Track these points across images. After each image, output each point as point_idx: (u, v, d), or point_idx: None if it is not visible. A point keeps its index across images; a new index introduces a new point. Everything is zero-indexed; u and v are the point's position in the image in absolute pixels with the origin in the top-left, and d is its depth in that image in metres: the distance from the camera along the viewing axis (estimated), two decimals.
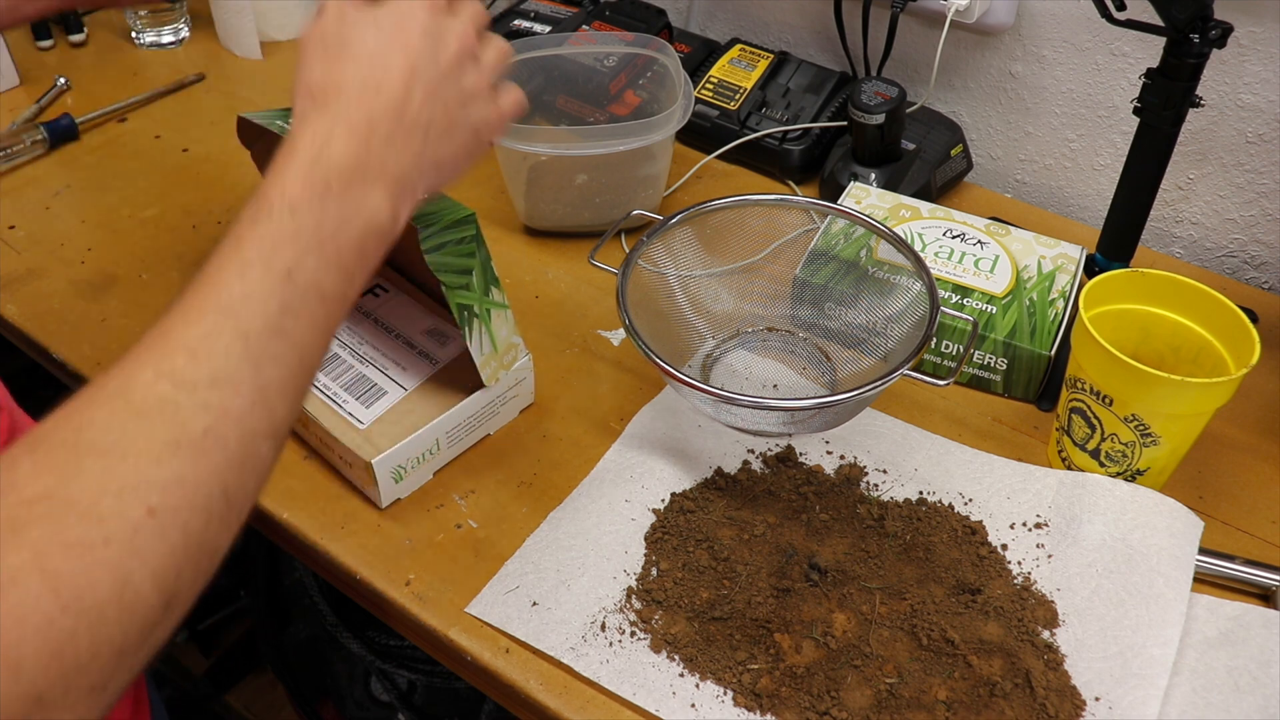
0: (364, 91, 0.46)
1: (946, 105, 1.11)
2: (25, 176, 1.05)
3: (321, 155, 0.45)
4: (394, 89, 0.47)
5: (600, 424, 0.79)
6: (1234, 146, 0.95)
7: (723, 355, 0.83)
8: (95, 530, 0.35)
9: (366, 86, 0.47)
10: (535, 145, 0.92)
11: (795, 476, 0.73)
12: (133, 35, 1.30)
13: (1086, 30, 0.98)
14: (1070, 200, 1.08)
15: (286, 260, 0.42)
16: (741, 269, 0.84)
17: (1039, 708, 0.59)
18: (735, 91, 1.09)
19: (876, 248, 0.83)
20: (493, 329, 0.67)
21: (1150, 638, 0.62)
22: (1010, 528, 0.70)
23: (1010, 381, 0.81)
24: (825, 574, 0.66)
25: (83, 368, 0.83)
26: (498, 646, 0.64)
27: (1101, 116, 1.01)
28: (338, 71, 0.47)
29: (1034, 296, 0.82)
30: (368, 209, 0.45)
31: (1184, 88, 0.77)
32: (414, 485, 0.73)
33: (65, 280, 0.91)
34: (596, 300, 0.91)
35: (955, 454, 0.76)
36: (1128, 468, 0.71)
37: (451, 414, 0.72)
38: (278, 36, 1.32)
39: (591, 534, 0.69)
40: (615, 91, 1.02)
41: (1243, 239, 0.99)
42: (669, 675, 0.61)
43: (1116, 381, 0.67)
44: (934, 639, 0.62)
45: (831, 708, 0.59)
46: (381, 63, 0.47)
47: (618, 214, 0.93)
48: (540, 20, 1.19)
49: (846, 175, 1.00)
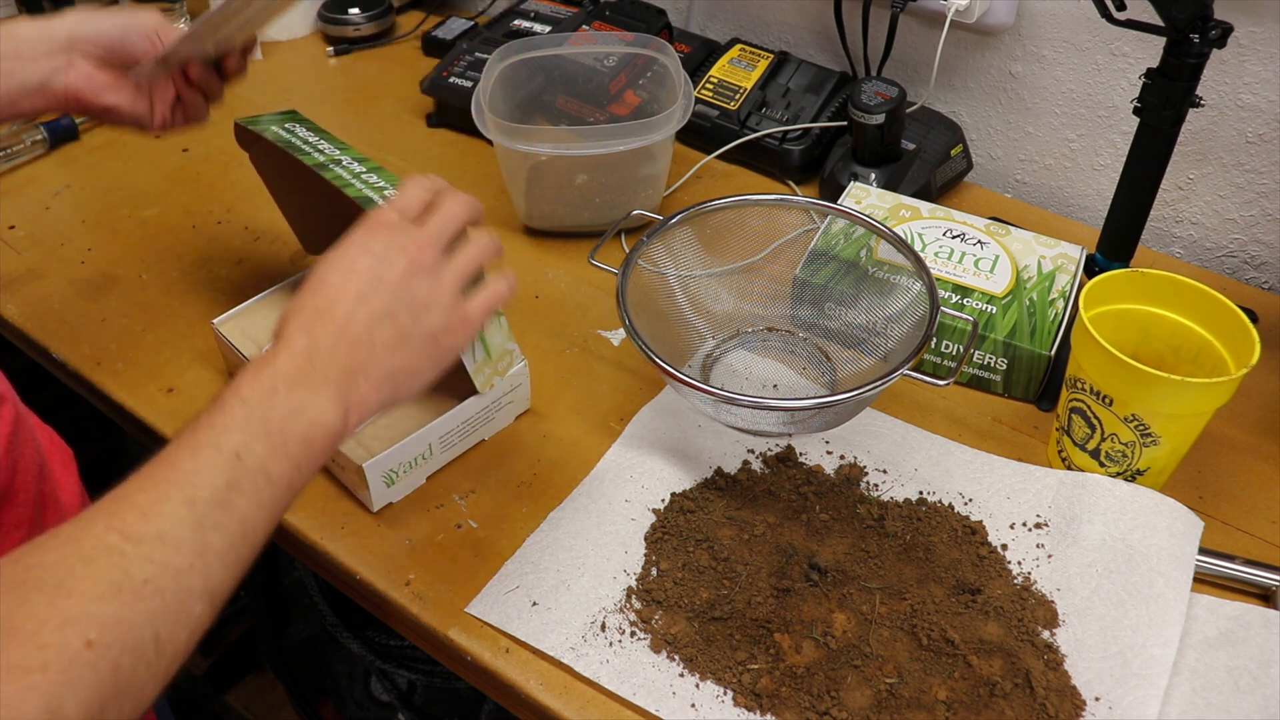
0: (313, 315, 0.52)
1: (946, 105, 1.11)
2: (25, 176, 1.05)
3: (268, 365, 0.50)
4: (336, 310, 0.52)
5: (600, 424, 0.79)
6: (1234, 146, 0.95)
7: (723, 355, 0.83)
8: (34, 656, 0.38)
9: (316, 310, 0.52)
10: (535, 145, 0.92)
11: (795, 476, 0.73)
12: None
13: (1086, 30, 0.98)
14: (1070, 200, 1.08)
15: (235, 443, 0.46)
16: (741, 269, 0.84)
17: (1039, 708, 0.59)
18: (735, 91, 1.09)
19: (876, 248, 0.83)
20: (486, 336, 0.67)
21: (1150, 638, 0.62)
22: (1010, 528, 0.70)
23: (1010, 381, 0.81)
24: (825, 574, 0.66)
25: (83, 368, 0.83)
26: (498, 646, 0.64)
27: (1101, 116, 1.01)
28: (299, 301, 0.53)
29: (1034, 296, 0.82)
30: (313, 409, 0.49)
31: (1184, 88, 0.77)
32: (406, 489, 0.72)
33: (65, 280, 0.91)
34: (596, 300, 0.91)
35: (955, 454, 0.76)
36: (1128, 468, 0.71)
37: (444, 419, 0.72)
38: (278, 36, 1.32)
39: (591, 534, 0.69)
40: (615, 91, 1.02)
41: (1243, 239, 0.99)
42: (669, 675, 0.61)
43: (1116, 381, 0.67)
44: (934, 639, 0.62)
45: (831, 708, 0.59)
46: (330, 287, 0.52)
47: (618, 214, 0.93)
48: (540, 20, 1.19)
49: (846, 175, 1.00)
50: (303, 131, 0.74)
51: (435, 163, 1.09)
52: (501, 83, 0.95)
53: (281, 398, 0.49)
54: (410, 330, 0.53)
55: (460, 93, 1.10)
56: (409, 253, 0.54)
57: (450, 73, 1.13)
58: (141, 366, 0.83)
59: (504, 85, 0.96)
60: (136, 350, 0.84)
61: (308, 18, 1.33)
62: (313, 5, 1.33)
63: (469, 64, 1.13)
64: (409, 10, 1.40)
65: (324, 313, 0.52)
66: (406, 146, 1.12)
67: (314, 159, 0.70)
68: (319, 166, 0.69)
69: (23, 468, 0.55)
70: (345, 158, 0.70)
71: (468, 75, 1.12)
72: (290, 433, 0.48)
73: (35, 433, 0.59)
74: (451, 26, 1.30)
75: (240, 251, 0.95)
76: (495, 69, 0.94)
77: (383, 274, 0.53)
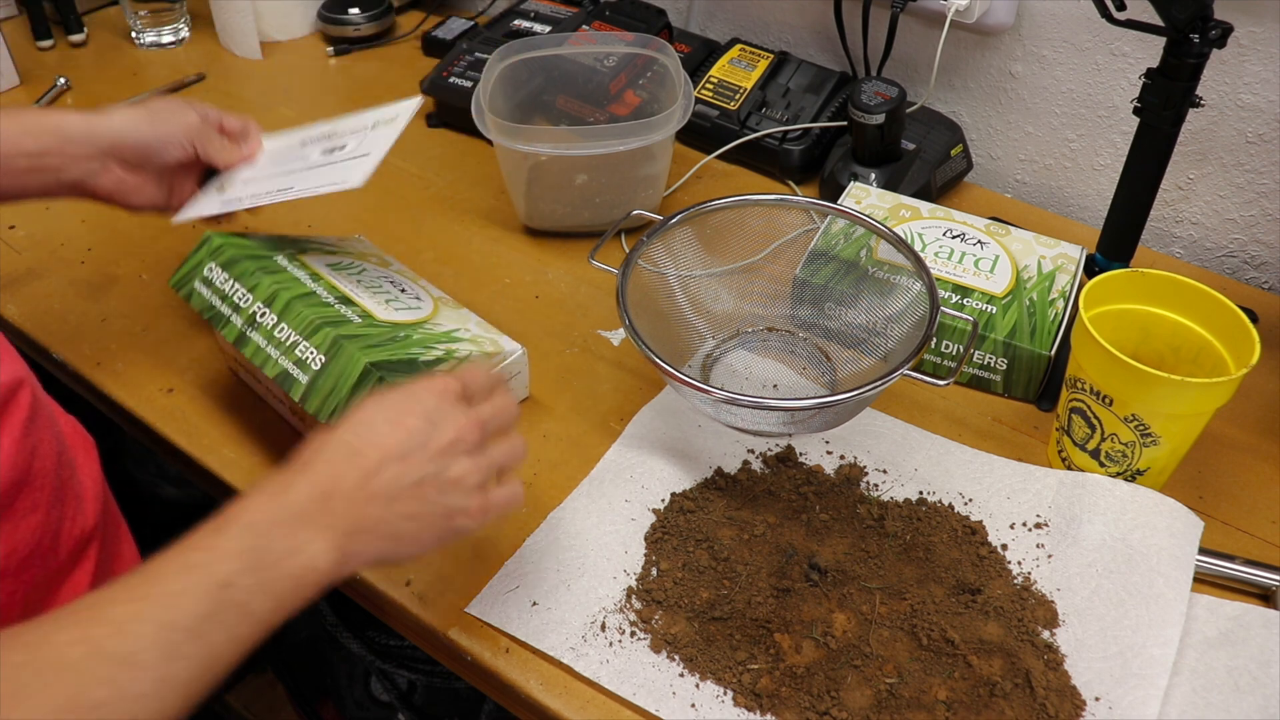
0: (347, 454, 0.51)
1: (946, 105, 1.11)
2: None
3: (282, 494, 0.49)
4: (369, 458, 0.51)
5: (600, 424, 0.79)
6: (1234, 146, 0.95)
7: (723, 355, 0.83)
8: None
9: (351, 451, 0.51)
10: (535, 145, 0.92)
11: (795, 476, 0.73)
12: (133, 35, 1.30)
13: (1086, 30, 0.98)
14: (1070, 200, 1.08)
15: (227, 571, 0.46)
16: (741, 269, 0.84)
17: (1039, 708, 0.59)
18: (735, 91, 1.09)
19: (876, 248, 0.83)
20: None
21: (1150, 638, 0.62)
22: (1010, 528, 0.70)
23: (1010, 381, 0.81)
24: (825, 574, 0.66)
25: (83, 368, 0.83)
26: (498, 646, 0.64)
27: (1101, 116, 1.01)
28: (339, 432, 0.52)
29: (1034, 296, 0.82)
30: (309, 551, 0.49)
31: (1184, 88, 0.77)
32: None
33: (65, 280, 0.91)
34: (596, 300, 0.91)
35: (955, 454, 0.76)
36: (1128, 468, 0.71)
37: None
38: (278, 36, 1.32)
39: (591, 534, 0.69)
40: (615, 91, 1.02)
41: (1243, 239, 0.99)
42: (669, 675, 0.61)
43: (1116, 381, 0.67)
44: (934, 639, 0.62)
45: (831, 708, 0.59)
46: (371, 433, 0.52)
47: (618, 214, 0.93)
48: (540, 20, 1.19)
49: (846, 175, 1.00)
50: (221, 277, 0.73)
51: (435, 163, 1.09)
52: (501, 83, 0.95)
53: (284, 532, 0.49)
54: (431, 502, 0.53)
55: (460, 93, 1.10)
56: (458, 427, 0.54)
57: (450, 73, 1.13)
58: (141, 366, 0.83)
59: (504, 85, 0.96)
60: (136, 350, 0.84)
61: (308, 18, 1.33)
62: (313, 5, 1.33)
63: (469, 64, 1.13)
64: (409, 10, 1.40)
65: (356, 456, 0.51)
66: (406, 146, 1.12)
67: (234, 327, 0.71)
68: (239, 340, 0.70)
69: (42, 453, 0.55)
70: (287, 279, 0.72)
71: (468, 75, 1.12)
72: (282, 571, 0.48)
73: (57, 419, 0.59)
74: (451, 26, 1.30)
75: None
76: (495, 69, 0.94)
77: (427, 439, 0.53)
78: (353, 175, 0.71)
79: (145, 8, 1.27)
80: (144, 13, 1.27)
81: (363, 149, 0.75)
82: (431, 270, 0.88)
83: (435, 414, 0.54)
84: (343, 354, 0.66)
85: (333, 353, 0.66)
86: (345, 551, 0.50)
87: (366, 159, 0.73)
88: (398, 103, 0.78)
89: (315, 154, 0.77)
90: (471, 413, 0.55)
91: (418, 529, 0.53)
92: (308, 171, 0.75)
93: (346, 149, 0.76)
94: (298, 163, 0.77)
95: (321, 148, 0.78)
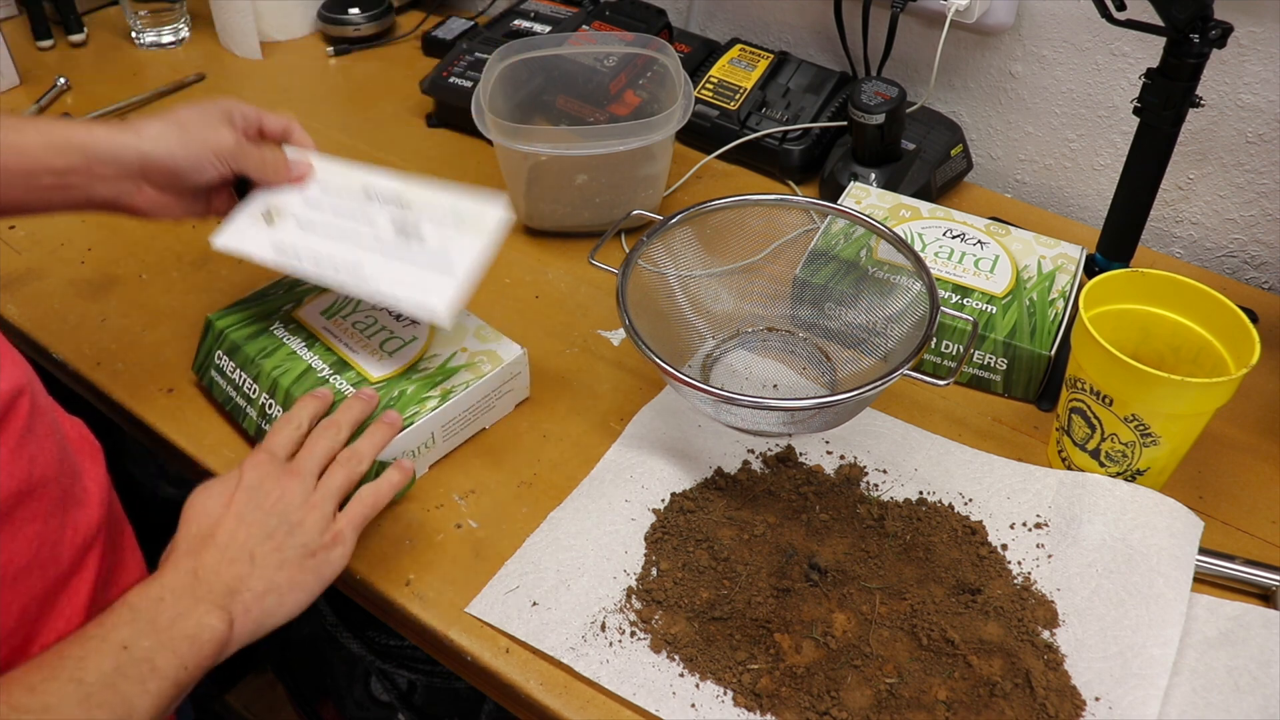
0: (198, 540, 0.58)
1: (946, 105, 1.11)
2: None
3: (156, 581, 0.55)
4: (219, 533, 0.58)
5: (600, 424, 0.79)
6: (1234, 146, 0.95)
7: (723, 355, 0.83)
8: None
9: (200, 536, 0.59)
10: (535, 145, 0.92)
11: (795, 476, 0.73)
12: (133, 35, 1.30)
13: (1086, 30, 0.98)
14: (1070, 200, 1.08)
15: (123, 637, 0.51)
16: (741, 269, 0.84)
17: (1039, 708, 0.59)
18: (735, 91, 1.09)
19: (876, 248, 0.83)
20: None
21: (1150, 638, 0.62)
22: (1010, 528, 0.70)
23: (1010, 381, 0.81)
24: (825, 574, 0.66)
25: (83, 368, 0.83)
26: (498, 646, 0.64)
27: (1101, 116, 1.01)
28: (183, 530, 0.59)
29: (1034, 296, 0.82)
30: (197, 615, 0.54)
31: (1184, 88, 0.77)
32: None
33: (65, 280, 0.91)
34: (596, 300, 0.91)
35: (955, 454, 0.76)
36: (1128, 468, 0.71)
37: (446, 408, 0.72)
38: (278, 36, 1.32)
39: (591, 534, 0.69)
40: (615, 91, 1.02)
41: (1243, 239, 0.99)
42: (669, 675, 0.61)
43: (1116, 381, 0.67)
44: (934, 639, 0.62)
45: (831, 708, 0.59)
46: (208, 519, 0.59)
47: (618, 214, 0.93)
48: (540, 20, 1.19)
49: (846, 175, 1.00)
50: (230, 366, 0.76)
51: (435, 163, 1.09)
52: (501, 83, 0.95)
53: (168, 605, 0.54)
54: (286, 545, 0.59)
55: (460, 93, 1.10)
56: (281, 483, 0.61)
57: (450, 73, 1.13)
58: (141, 366, 0.83)
59: (504, 85, 0.96)
60: (136, 350, 0.84)
61: (308, 18, 1.33)
62: (313, 5, 1.33)
63: (469, 64, 1.13)
64: (409, 10, 1.40)
65: (207, 537, 0.58)
66: (406, 146, 1.12)
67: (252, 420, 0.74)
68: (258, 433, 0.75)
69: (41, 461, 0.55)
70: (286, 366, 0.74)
71: (468, 75, 1.12)
72: (177, 631, 0.53)
73: (60, 425, 0.59)
74: (451, 26, 1.30)
75: None
76: (495, 69, 0.94)
77: (258, 501, 0.60)
78: (439, 308, 0.70)
79: (145, 8, 1.27)
80: (144, 13, 1.27)
81: (444, 256, 0.72)
82: None
83: (253, 483, 0.61)
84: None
85: None
86: (230, 613, 0.56)
87: (450, 280, 0.71)
88: (484, 201, 0.75)
89: (384, 224, 0.74)
90: (289, 466, 0.63)
91: (289, 576, 0.59)
92: (380, 257, 0.72)
93: (425, 240, 0.72)
94: (364, 226, 0.73)
95: (391, 217, 0.74)
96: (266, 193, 0.75)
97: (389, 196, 0.75)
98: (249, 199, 0.75)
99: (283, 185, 0.75)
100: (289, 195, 0.75)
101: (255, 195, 0.75)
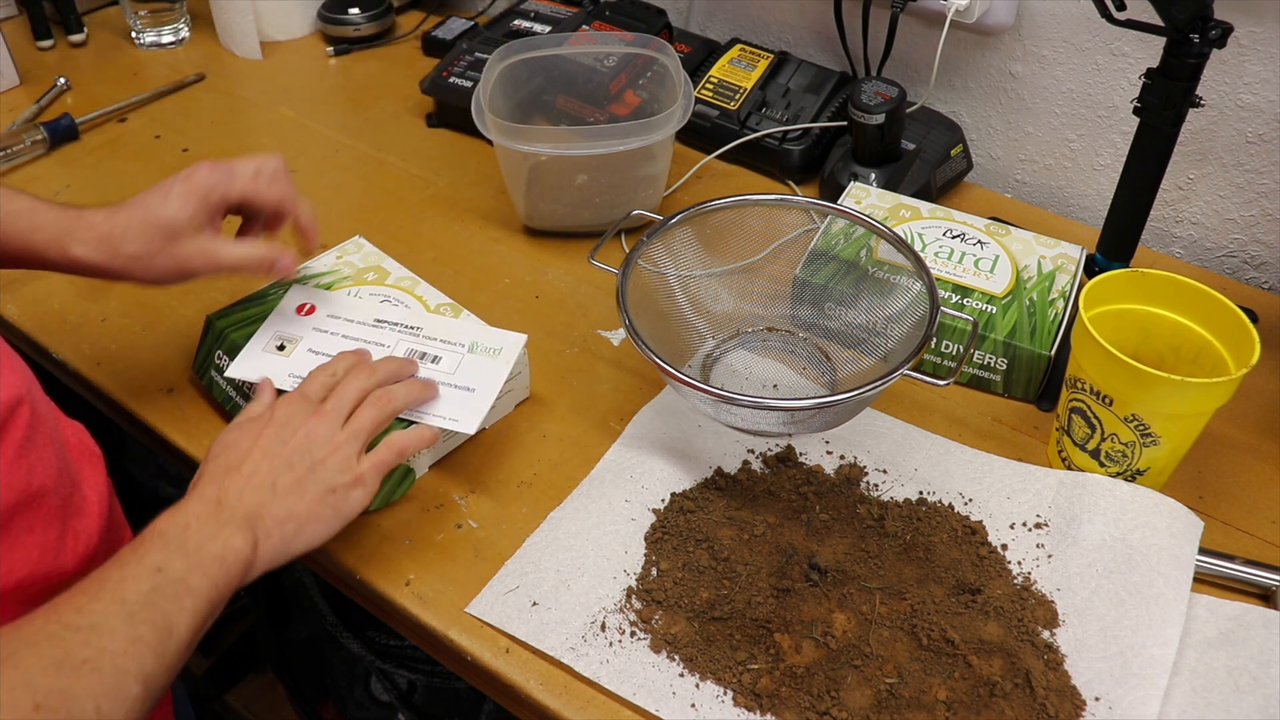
0: (223, 470, 0.60)
1: (946, 105, 1.11)
2: (25, 176, 1.05)
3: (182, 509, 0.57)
4: (244, 465, 0.60)
5: (600, 424, 0.79)
6: (1234, 146, 0.95)
7: (723, 355, 0.83)
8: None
9: (225, 467, 0.60)
10: (535, 145, 0.92)
11: (795, 476, 0.73)
12: (133, 35, 1.30)
13: (1086, 30, 0.98)
14: (1070, 200, 1.08)
15: (156, 560, 0.53)
16: (741, 269, 0.84)
17: (1039, 708, 0.59)
18: (735, 91, 1.09)
19: (876, 248, 0.83)
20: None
21: (1150, 638, 0.62)
22: (1010, 528, 0.70)
23: (1010, 381, 0.81)
24: (825, 574, 0.66)
25: (82, 368, 0.83)
26: (498, 646, 0.64)
27: (1101, 116, 1.01)
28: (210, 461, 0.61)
29: (1034, 296, 0.82)
30: (223, 537, 0.56)
31: (1184, 88, 0.77)
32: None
33: (65, 280, 0.91)
34: (596, 300, 0.91)
35: (955, 454, 0.76)
36: (1128, 468, 0.71)
37: None
38: (278, 36, 1.32)
39: (591, 534, 0.69)
40: (615, 91, 1.02)
41: (1243, 239, 0.99)
42: (669, 675, 0.61)
43: (1116, 381, 0.67)
44: (934, 639, 0.62)
45: (831, 708, 0.59)
46: (236, 451, 0.61)
47: (618, 214, 0.93)
48: (540, 20, 1.19)
49: (846, 175, 1.00)
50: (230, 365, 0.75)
51: (435, 163, 1.09)
52: (501, 83, 0.95)
53: (195, 530, 0.55)
54: (307, 480, 0.61)
55: (460, 93, 1.10)
56: (308, 421, 0.63)
57: (450, 73, 1.13)
58: (141, 366, 0.83)
59: (504, 85, 0.96)
60: (136, 350, 0.84)
61: (308, 18, 1.33)
62: (313, 5, 1.33)
63: (469, 64, 1.13)
64: (409, 10, 1.40)
65: (232, 468, 0.60)
66: (406, 146, 1.12)
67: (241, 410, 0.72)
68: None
69: (40, 471, 0.55)
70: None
71: (468, 75, 1.12)
72: (206, 553, 0.54)
73: (60, 432, 0.59)
74: (451, 26, 1.30)
75: None
76: (495, 69, 0.94)
77: (284, 438, 0.62)
78: (469, 421, 0.70)
79: (145, 8, 1.27)
80: (144, 13, 1.27)
81: (467, 377, 0.73)
82: (431, 270, 0.88)
83: (283, 419, 0.63)
84: None
85: None
86: (254, 534, 0.57)
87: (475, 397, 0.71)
88: (502, 331, 0.76)
89: (400, 350, 0.74)
90: (318, 408, 0.64)
91: (309, 507, 0.60)
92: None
93: (441, 365, 0.73)
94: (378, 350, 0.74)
95: (406, 345, 0.75)
96: (277, 323, 0.76)
97: (401, 323, 0.77)
98: (260, 331, 0.76)
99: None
100: (300, 324, 0.77)
101: (266, 326, 0.76)
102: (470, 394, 0.72)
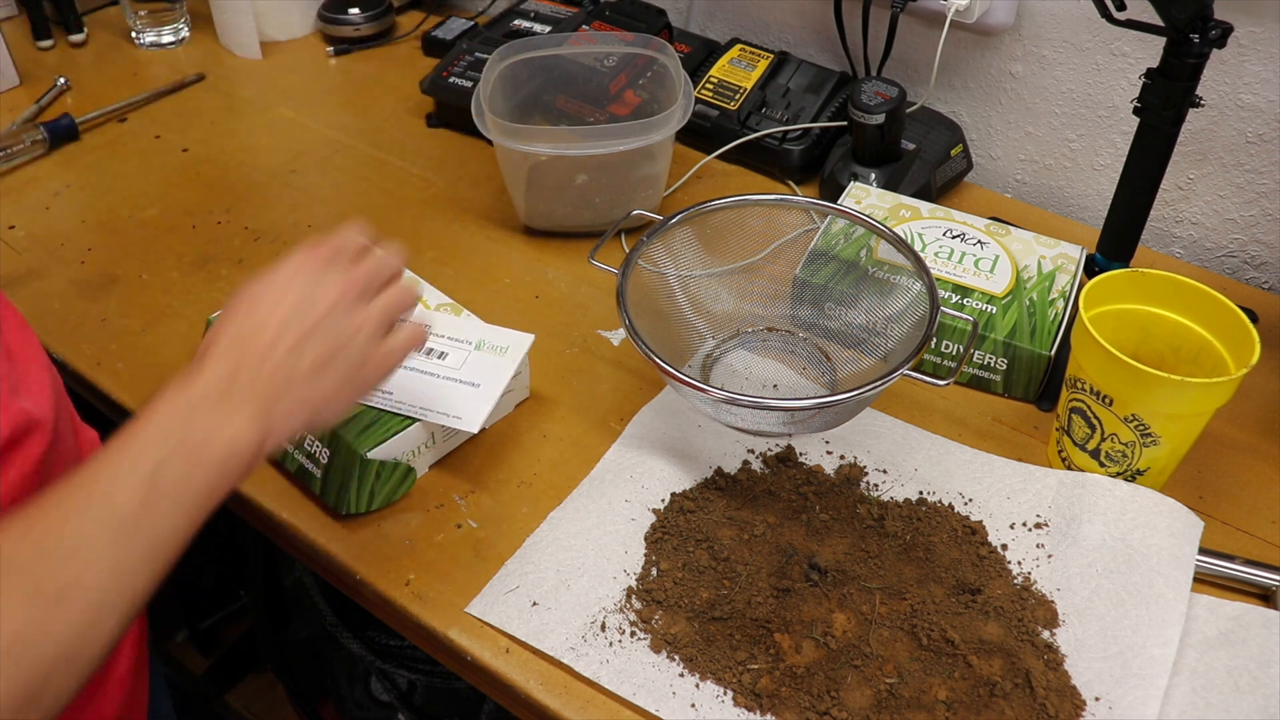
0: (240, 338, 0.54)
1: (946, 105, 1.11)
2: (25, 176, 1.05)
3: (192, 382, 0.52)
4: (263, 335, 0.54)
5: (600, 424, 0.79)
6: (1234, 146, 0.95)
7: (723, 355, 0.83)
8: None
9: (243, 334, 0.54)
10: (535, 145, 0.92)
11: (795, 476, 0.73)
12: (133, 35, 1.30)
13: (1086, 30, 0.98)
14: (1070, 200, 1.08)
15: (153, 461, 0.48)
16: (741, 269, 0.84)
17: (1039, 708, 0.59)
18: (735, 91, 1.09)
19: (876, 248, 0.83)
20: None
21: (1150, 638, 0.62)
22: (1010, 528, 0.70)
23: (1010, 381, 0.81)
24: (825, 574, 0.66)
25: (83, 368, 0.83)
26: (498, 646, 0.64)
27: (1101, 116, 1.01)
28: (227, 322, 0.55)
29: (1034, 296, 0.82)
30: (231, 429, 0.51)
31: (1184, 88, 0.77)
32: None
33: (65, 280, 0.91)
34: (596, 300, 0.91)
35: (955, 454, 0.76)
36: (1128, 468, 0.71)
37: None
38: (278, 36, 1.32)
39: (591, 534, 0.69)
40: (615, 91, 1.02)
41: (1243, 239, 0.99)
42: (669, 675, 0.61)
43: (1116, 381, 0.67)
44: (934, 639, 0.62)
45: (831, 708, 0.59)
46: (260, 312, 0.54)
47: (618, 214, 0.93)
48: (540, 20, 1.19)
49: (846, 175, 1.00)
50: None
51: (435, 163, 1.09)
52: (501, 83, 0.95)
53: (201, 417, 0.50)
54: (331, 360, 0.55)
55: (460, 93, 1.10)
56: (339, 287, 0.56)
57: (450, 73, 1.13)
58: (141, 366, 0.83)
59: (504, 85, 0.96)
60: (136, 350, 0.84)
61: (308, 18, 1.33)
62: (313, 5, 1.33)
63: (469, 64, 1.13)
64: (409, 10, 1.40)
65: (250, 338, 0.53)
66: (406, 146, 1.12)
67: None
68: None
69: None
70: None
71: (468, 75, 1.12)
72: (207, 452, 0.50)
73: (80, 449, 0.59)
74: (451, 26, 1.30)
75: (240, 251, 0.95)
76: (495, 69, 0.94)
77: (310, 305, 0.55)
78: (472, 419, 0.71)
79: (145, 8, 1.27)
80: (144, 13, 1.27)
81: (472, 373, 0.73)
82: (431, 270, 0.88)
83: (313, 281, 0.56)
84: (341, 447, 0.69)
85: (333, 446, 0.70)
86: (266, 425, 0.52)
87: (480, 393, 0.72)
88: (506, 330, 0.77)
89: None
90: (350, 271, 0.57)
91: (328, 389, 0.55)
92: (409, 371, 0.73)
93: (448, 361, 0.74)
94: None
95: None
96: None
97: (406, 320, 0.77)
98: None
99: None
100: None
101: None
102: (475, 390, 0.72)
